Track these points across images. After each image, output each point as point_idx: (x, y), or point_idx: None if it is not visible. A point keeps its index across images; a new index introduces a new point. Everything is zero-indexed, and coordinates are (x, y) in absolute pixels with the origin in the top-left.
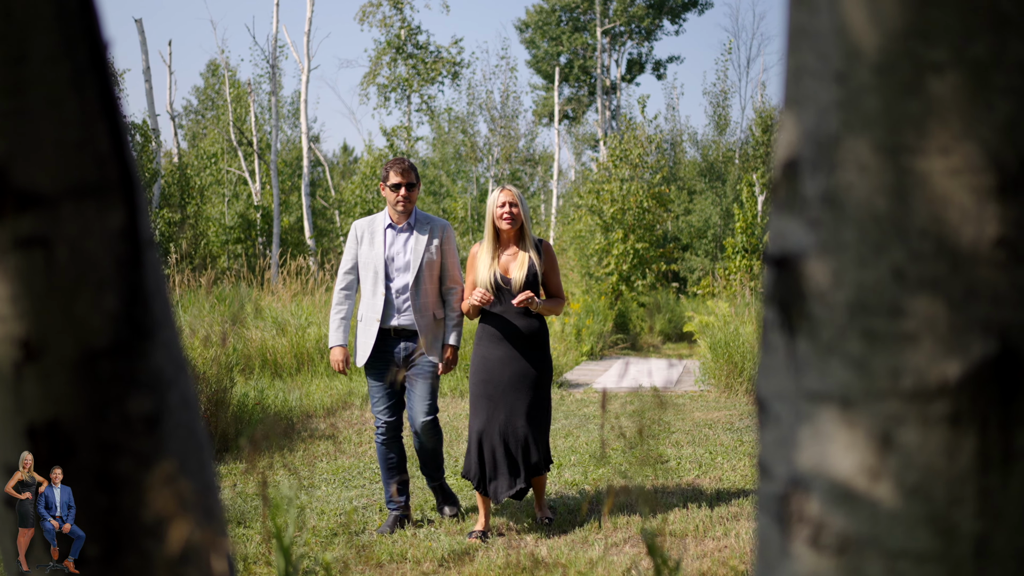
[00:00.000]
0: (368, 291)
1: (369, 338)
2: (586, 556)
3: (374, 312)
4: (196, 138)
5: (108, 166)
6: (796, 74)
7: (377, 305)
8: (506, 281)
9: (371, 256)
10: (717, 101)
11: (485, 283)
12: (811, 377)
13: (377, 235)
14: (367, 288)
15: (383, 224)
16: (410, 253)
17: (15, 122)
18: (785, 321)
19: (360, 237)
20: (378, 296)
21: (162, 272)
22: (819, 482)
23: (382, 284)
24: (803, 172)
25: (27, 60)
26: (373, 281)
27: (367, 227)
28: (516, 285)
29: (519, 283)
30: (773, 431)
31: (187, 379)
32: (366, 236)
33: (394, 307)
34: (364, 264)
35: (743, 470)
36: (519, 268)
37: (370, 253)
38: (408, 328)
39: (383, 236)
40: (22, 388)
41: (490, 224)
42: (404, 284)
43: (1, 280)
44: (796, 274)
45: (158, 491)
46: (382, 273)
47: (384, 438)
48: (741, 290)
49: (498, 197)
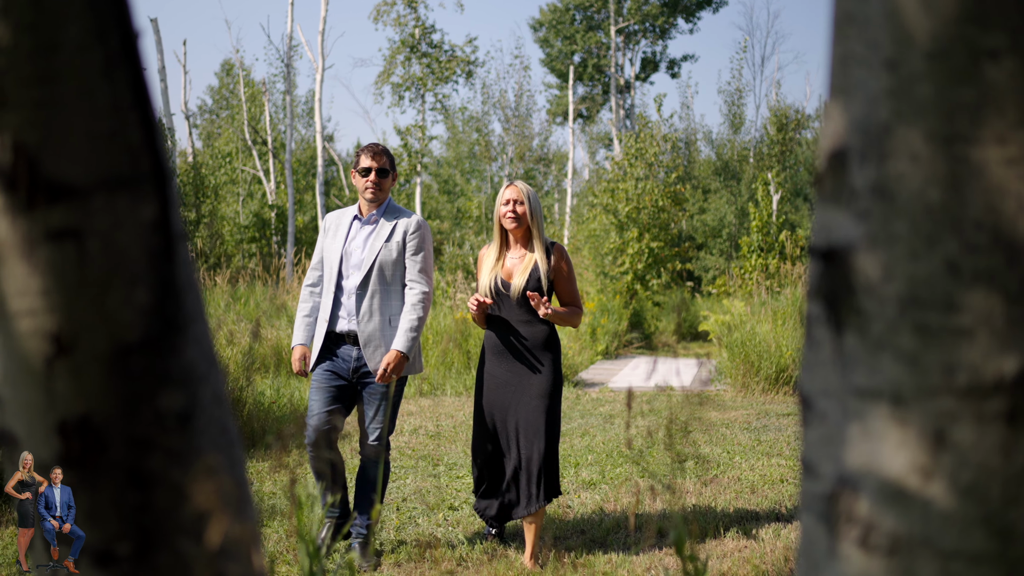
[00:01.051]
0: (325, 289)
1: (317, 341)
2: (606, 557)
3: (324, 313)
4: (211, 137)
5: (140, 157)
6: (843, 62)
7: (327, 305)
8: (507, 287)
9: (331, 250)
10: (732, 100)
11: (485, 288)
12: (860, 373)
13: (342, 227)
14: (325, 286)
15: (351, 215)
16: (366, 249)
17: (47, 113)
18: (832, 316)
19: (327, 228)
20: (328, 295)
21: (193, 266)
22: (869, 481)
23: (333, 283)
24: (851, 163)
25: (59, 49)
26: (328, 278)
27: (336, 218)
28: (515, 292)
29: (518, 290)
30: (818, 429)
31: (218, 375)
32: (331, 228)
33: (343, 308)
34: (325, 259)
35: (761, 469)
36: (521, 273)
37: (331, 247)
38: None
39: (347, 229)
40: (53, 384)
41: (497, 223)
42: (357, 283)
43: (32, 273)
44: (844, 267)
45: (199, 485)
46: (335, 270)
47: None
48: (757, 289)
49: (503, 194)
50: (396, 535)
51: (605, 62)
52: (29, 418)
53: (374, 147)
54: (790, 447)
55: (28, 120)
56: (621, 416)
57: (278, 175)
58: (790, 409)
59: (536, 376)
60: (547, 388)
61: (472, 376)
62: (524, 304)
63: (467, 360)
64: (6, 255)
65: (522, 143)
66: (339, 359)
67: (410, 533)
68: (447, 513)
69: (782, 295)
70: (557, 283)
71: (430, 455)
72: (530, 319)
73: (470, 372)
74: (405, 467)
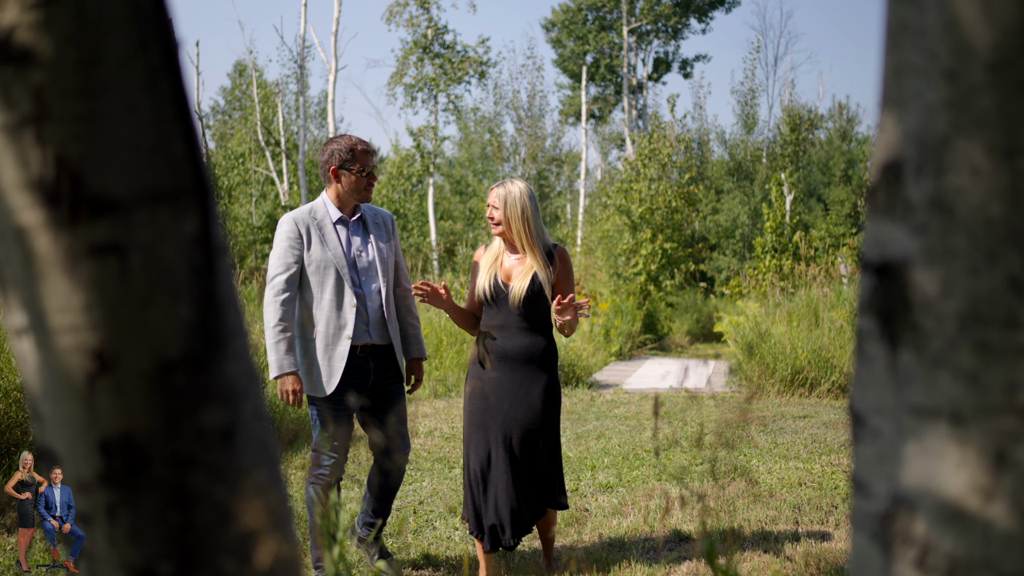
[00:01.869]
0: (328, 301)
1: (339, 360)
2: (628, 566)
3: (342, 327)
4: (224, 138)
5: (182, 170)
6: (897, 72)
7: (346, 318)
8: (506, 288)
9: (326, 257)
10: (745, 100)
11: (481, 289)
12: (916, 391)
13: (328, 231)
14: (326, 298)
15: (330, 218)
16: (373, 252)
17: (89, 126)
18: (886, 331)
19: (305, 233)
20: (347, 307)
21: (233, 280)
22: (926, 501)
23: (351, 292)
24: (906, 175)
25: (101, 61)
26: (335, 288)
27: (310, 220)
28: (515, 297)
29: (518, 295)
30: (871, 446)
31: (259, 390)
32: (313, 232)
33: (364, 320)
34: (317, 268)
35: (779, 472)
36: (522, 276)
37: (323, 253)
38: (379, 345)
39: (335, 233)
40: (95, 401)
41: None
42: (374, 290)
43: (74, 289)
44: (900, 282)
45: (247, 503)
46: (348, 278)
47: (326, 481)
48: (771, 290)
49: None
50: (414, 539)
51: (618, 62)
52: (70, 435)
53: (369, 145)
54: (807, 450)
55: (71, 134)
56: (636, 418)
57: (291, 176)
58: (806, 411)
59: (537, 386)
60: (550, 398)
61: None
62: (524, 309)
63: None
64: (48, 271)
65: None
66: (357, 378)
67: (427, 536)
68: None
69: (796, 296)
70: (556, 288)
71: (446, 457)
72: (528, 326)
73: None
74: (421, 469)
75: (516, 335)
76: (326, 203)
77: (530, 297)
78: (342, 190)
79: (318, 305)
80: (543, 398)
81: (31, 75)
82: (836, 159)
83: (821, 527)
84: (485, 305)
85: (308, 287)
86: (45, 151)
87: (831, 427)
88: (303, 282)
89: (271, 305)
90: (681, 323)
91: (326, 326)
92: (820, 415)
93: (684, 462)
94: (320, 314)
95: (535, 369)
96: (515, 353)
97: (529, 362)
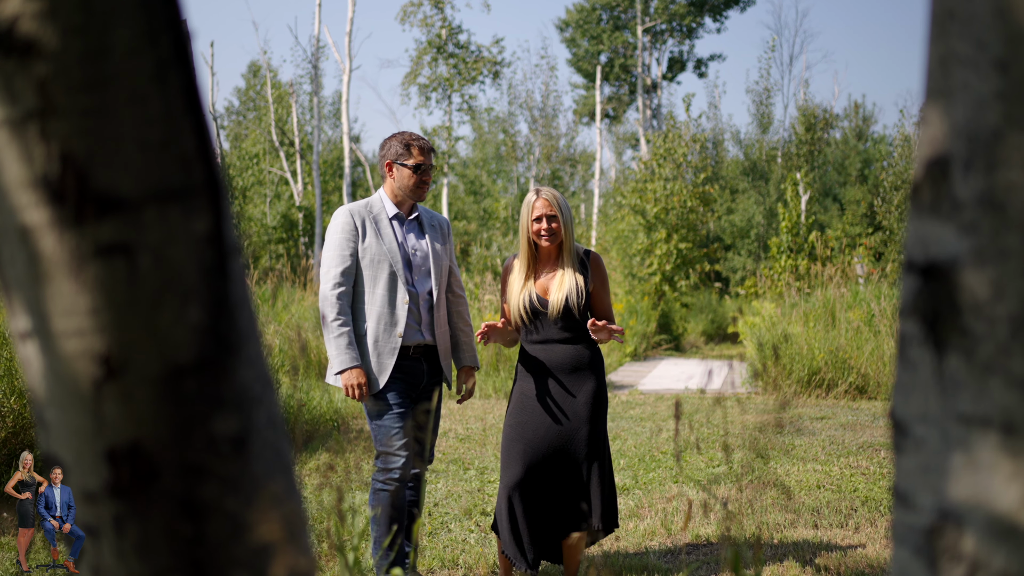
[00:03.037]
0: (381, 297)
1: (389, 357)
2: (658, 564)
3: (394, 324)
4: (238, 139)
5: (193, 167)
6: (943, 63)
7: (399, 316)
8: (543, 303)
9: (381, 251)
10: (760, 99)
11: (517, 308)
12: (965, 399)
13: (383, 225)
14: (378, 293)
15: (385, 212)
16: (427, 251)
17: (96, 121)
18: (932, 336)
19: (361, 225)
20: (400, 304)
21: (246, 282)
22: (976, 516)
23: (403, 289)
24: (954, 171)
25: (108, 53)
26: (388, 284)
27: (366, 214)
28: (553, 310)
29: (557, 307)
30: (915, 456)
31: (273, 397)
32: (369, 225)
33: (416, 319)
34: (371, 261)
35: (797, 475)
36: (558, 288)
37: (379, 247)
38: (429, 346)
39: (390, 227)
40: (102, 408)
41: (525, 235)
42: (426, 290)
43: (80, 291)
44: (947, 284)
45: (263, 515)
46: (402, 275)
47: (399, 484)
48: (787, 290)
49: (533, 208)
50: (428, 541)
51: (632, 62)
52: (76, 444)
53: (426, 143)
54: (825, 452)
55: (76, 129)
56: (652, 419)
57: (305, 176)
58: (823, 413)
59: (583, 395)
60: (597, 406)
61: (500, 378)
62: (564, 321)
63: (495, 362)
64: (52, 272)
65: (549, 144)
66: (411, 376)
67: (442, 539)
68: (479, 519)
69: (813, 296)
70: (594, 296)
71: (460, 459)
72: (571, 336)
73: (498, 374)
74: (436, 471)
75: (560, 346)
76: (382, 198)
77: (569, 308)
78: (395, 185)
79: (370, 300)
80: (590, 406)
81: (35, 67)
82: (852, 158)
83: (841, 530)
84: (523, 323)
85: (360, 281)
86: (50, 147)
87: (849, 428)
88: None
89: (329, 299)
90: (696, 324)
91: (377, 322)
92: (837, 416)
93: (702, 464)
94: (372, 309)
95: (582, 376)
96: (561, 364)
97: (576, 370)
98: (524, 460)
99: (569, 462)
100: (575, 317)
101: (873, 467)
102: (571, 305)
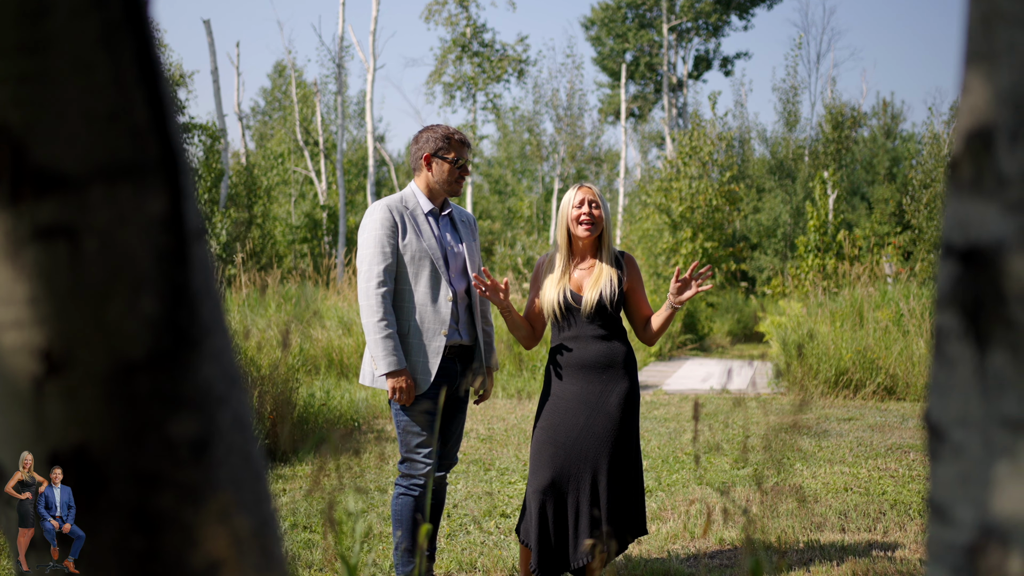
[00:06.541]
0: (423, 295)
1: (435, 356)
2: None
3: (439, 323)
4: (263, 139)
5: (146, 142)
6: (986, 21)
7: (443, 313)
8: (577, 300)
9: (421, 248)
10: (786, 97)
11: (552, 303)
12: (1011, 401)
13: (421, 222)
14: (420, 291)
15: (421, 208)
16: (464, 250)
17: (35, 88)
18: (973, 329)
19: (400, 221)
20: (443, 302)
21: (212, 269)
22: (1023, 532)
23: (447, 287)
24: (998, 143)
25: (49, 12)
26: (430, 282)
27: (403, 209)
28: (587, 307)
29: (590, 305)
30: (953, 465)
31: (241, 395)
32: (408, 221)
33: (455, 318)
34: (412, 258)
35: (824, 477)
36: (592, 286)
37: (419, 244)
38: (466, 346)
39: (428, 223)
40: (43, 408)
41: (563, 229)
42: (463, 288)
43: (18, 278)
44: (990, 271)
45: (210, 530)
46: (444, 272)
47: (422, 489)
48: (813, 290)
49: (575, 195)
50: (447, 543)
51: (657, 60)
52: (17, 447)
53: (465, 136)
54: (852, 454)
55: (12, 98)
56: (676, 420)
57: (329, 176)
58: (851, 414)
59: (615, 395)
60: (629, 406)
61: (523, 379)
62: (598, 318)
63: (518, 362)
64: None
65: (574, 142)
66: (447, 378)
67: (461, 541)
68: (499, 520)
69: (840, 296)
70: (632, 295)
71: (482, 459)
72: (605, 334)
73: (522, 374)
74: (456, 471)
75: (592, 343)
76: (415, 193)
77: (603, 304)
78: (432, 179)
79: (410, 298)
80: (622, 407)
81: None
82: (880, 157)
83: (869, 535)
84: (556, 320)
85: (401, 279)
86: None
87: (877, 430)
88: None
89: (372, 298)
90: (722, 323)
91: (421, 321)
92: (865, 417)
93: (726, 466)
94: (413, 308)
95: (615, 374)
96: (593, 361)
97: (609, 367)
98: (554, 464)
99: (599, 467)
100: (609, 313)
101: (902, 469)
102: (605, 301)
